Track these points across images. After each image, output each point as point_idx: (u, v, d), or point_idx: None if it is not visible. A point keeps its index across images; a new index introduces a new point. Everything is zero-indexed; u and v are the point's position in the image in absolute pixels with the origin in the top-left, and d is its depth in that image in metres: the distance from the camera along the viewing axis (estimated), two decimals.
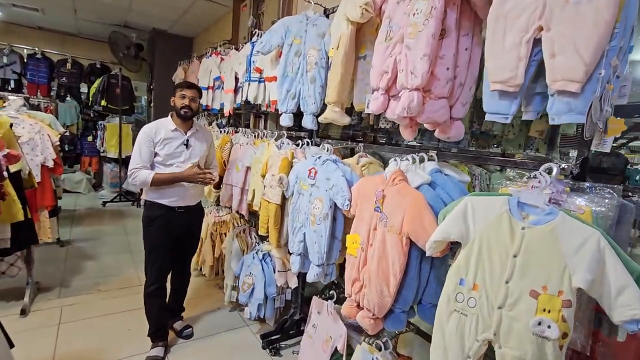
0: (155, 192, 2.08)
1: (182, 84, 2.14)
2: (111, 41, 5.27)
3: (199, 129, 2.21)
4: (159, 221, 2.09)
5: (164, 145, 2.05)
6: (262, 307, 2.35)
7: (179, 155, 2.09)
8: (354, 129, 2.82)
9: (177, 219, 2.14)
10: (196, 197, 2.25)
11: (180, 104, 2.08)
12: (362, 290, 1.37)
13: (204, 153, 2.20)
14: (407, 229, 1.21)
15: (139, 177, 1.99)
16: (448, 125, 1.30)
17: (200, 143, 2.19)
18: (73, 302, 2.65)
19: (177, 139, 2.09)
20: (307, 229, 1.69)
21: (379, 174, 1.43)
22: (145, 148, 2.02)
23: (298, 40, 2.00)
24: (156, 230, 2.10)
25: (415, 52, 1.17)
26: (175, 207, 2.12)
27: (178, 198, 2.12)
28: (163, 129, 2.07)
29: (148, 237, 2.13)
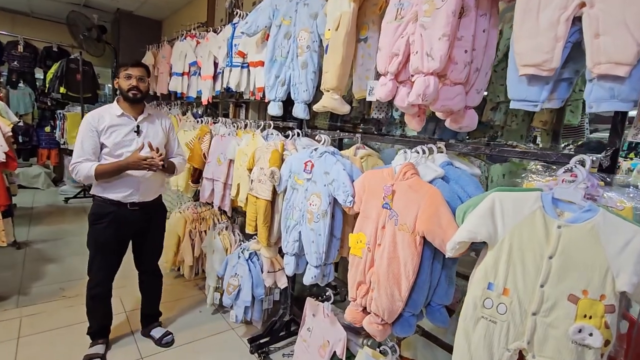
0: (103, 186, 1.86)
1: (125, 62, 1.90)
2: (70, 22, 4.78)
3: (152, 113, 1.99)
4: (108, 219, 1.89)
5: (110, 133, 1.82)
6: (249, 309, 2.20)
7: (129, 143, 1.86)
8: (342, 118, 2.70)
9: (130, 217, 1.93)
10: (153, 191, 2.01)
11: (126, 86, 1.85)
12: (369, 294, 1.26)
13: (161, 140, 1.98)
14: (422, 227, 1.10)
15: (81, 171, 1.78)
16: (461, 114, 1.20)
17: (155, 128, 1.96)
18: (34, 312, 2.38)
19: (126, 125, 1.87)
20: (303, 227, 1.56)
21: (385, 167, 1.31)
22: (88, 139, 1.80)
23: (287, 21, 1.84)
24: (104, 229, 1.90)
25: (432, 32, 1.06)
26: (128, 204, 1.90)
27: (130, 192, 1.90)
28: (108, 116, 1.84)
29: (93, 236, 1.92)
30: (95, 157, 1.83)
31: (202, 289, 2.90)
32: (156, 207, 2.09)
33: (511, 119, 1.66)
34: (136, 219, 1.96)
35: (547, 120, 1.60)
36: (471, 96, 1.17)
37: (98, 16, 5.03)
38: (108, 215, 1.89)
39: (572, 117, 1.53)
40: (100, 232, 1.90)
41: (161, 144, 1.97)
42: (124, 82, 1.85)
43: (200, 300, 2.72)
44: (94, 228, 1.91)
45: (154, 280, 2.26)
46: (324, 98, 1.47)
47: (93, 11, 5.04)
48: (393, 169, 1.25)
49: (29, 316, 2.33)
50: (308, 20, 1.77)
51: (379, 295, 1.20)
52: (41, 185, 5.71)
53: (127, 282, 2.18)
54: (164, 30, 5.35)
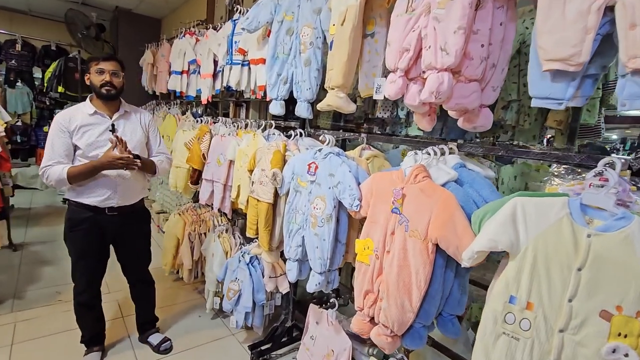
0: (77, 190, 1.73)
1: (96, 56, 1.76)
2: (68, 20, 4.73)
3: (129, 110, 1.85)
4: (84, 226, 1.76)
5: (82, 133, 1.69)
6: (250, 315, 2.13)
7: (105, 144, 1.71)
8: (345, 118, 2.63)
9: (109, 223, 1.80)
10: (133, 194, 1.87)
11: (98, 81, 1.70)
12: (377, 304, 1.19)
13: (140, 138, 1.84)
14: (436, 234, 1.03)
15: (52, 175, 1.64)
16: (476, 113, 1.12)
17: (133, 126, 1.83)
18: (29, 317, 2.32)
19: (100, 124, 1.73)
20: (306, 231, 1.49)
21: (394, 170, 1.24)
22: (58, 140, 1.67)
23: (290, 17, 1.76)
24: (82, 237, 1.78)
25: (447, 25, 0.99)
26: (105, 209, 1.77)
27: (107, 196, 1.76)
28: (79, 115, 1.71)
29: (72, 244, 1.81)
30: (69, 159, 1.70)
31: (201, 292, 2.83)
32: (138, 212, 1.95)
33: (523, 119, 1.58)
34: (116, 226, 1.83)
35: (561, 120, 1.52)
36: (486, 94, 1.10)
37: (96, 14, 4.98)
38: (84, 222, 1.76)
39: (588, 117, 1.46)
40: (78, 240, 1.79)
41: (140, 143, 1.85)
42: (96, 78, 1.71)
43: (200, 305, 2.65)
44: (71, 235, 1.79)
45: (145, 288, 2.15)
46: (329, 96, 1.40)
47: (91, 9, 4.97)
48: (403, 172, 1.18)
49: (24, 321, 2.27)
50: (311, 15, 1.70)
51: (388, 306, 1.13)
52: (39, 185, 5.64)
53: (124, 285, 2.11)
54: (163, 28, 5.28)
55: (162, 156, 1.98)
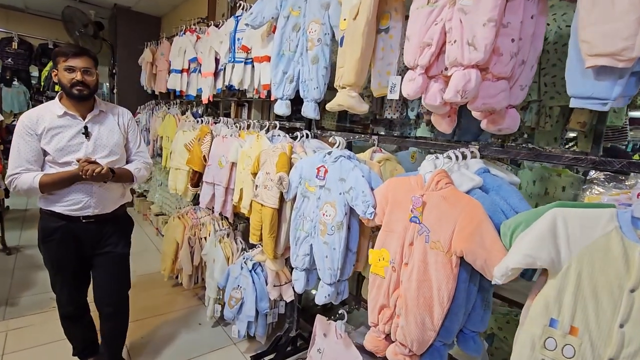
0: (48, 198, 1.56)
1: (63, 51, 1.50)
2: (65, 18, 4.62)
3: (105, 110, 1.65)
4: (57, 236, 1.59)
5: (51, 137, 1.50)
6: (253, 324, 2.04)
7: (77, 148, 1.54)
8: (352, 119, 2.54)
9: (84, 232, 1.62)
10: (111, 201, 1.66)
11: (68, 80, 1.49)
12: (394, 320, 1.10)
13: (117, 141, 1.65)
14: (461, 246, 0.94)
15: (21, 185, 1.47)
16: (501, 114, 1.04)
17: (109, 128, 1.63)
18: (21, 325, 2.22)
19: (71, 127, 1.54)
20: (314, 239, 1.40)
21: (412, 175, 1.15)
22: (25, 144, 1.48)
23: (296, 12, 1.68)
24: (56, 248, 1.61)
25: (475, 17, 0.90)
26: (81, 217, 1.59)
27: (82, 204, 1.57)
28: (47, 116, 1.51)
29: (47, 255, 1.65)
30: (38, 165, 1.52)
31: (201, 298, 2.74)
32: (118, 220, 1.74)
33: (544, 120, 1.50)
34: (92, 234, 1.64)
35: (585, 122, 1.44)
36: (514, 93, 1.01)
37: (95, 12, 4.88)
38: (57, 231, 1.58)
39: (615, 118, 1.38)
40: (52, 251, 1.62)
41: (118, 145, 1.66)
42: (66, 76, 1.49)
43: (200, 312, 2.56)
44: (45, 246, 1.62)
45: (118, 323, 1.82)
46: (340, 96, 1.31)
47: (89, 7, 4.87)
48: (422, 177, 1.09)
49: (16, 330, 2.17)
50: (319, 10, 1.61)
51: (406, 323, 1.04)
52: None
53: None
54: (163, 26, 5.18)
55: (140, 162, 1.77)
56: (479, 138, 1.80)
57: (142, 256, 3.34)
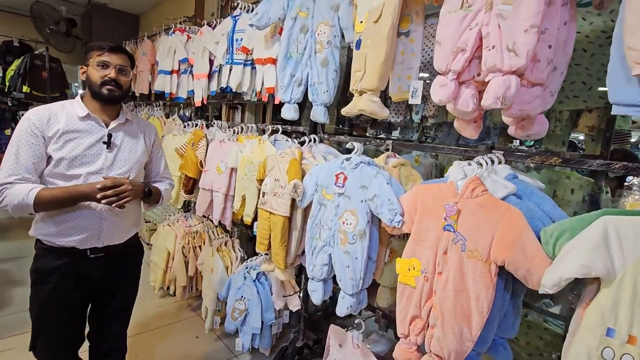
0: (49, 225, 1.24)
1: (99, 45, 1.27)
2: (34, 14, 4.33)
3: (132, 119, 1.39)
4: (56, 276, 1.25)
5: (65, 142, 1.22)
6: (257, 336, 1.97)
7: (94, 159, 1.26)
8: (351, 122, 2.51)
9: (90, 269, 1.30)
10: (124, 229, 1.37)
11: (99, 78, 1.24)
12: (428, 331, 1.07)
13: (139, 158, 1.38)
14: (502, 255, 0.93)
15: (11, 198, 1.16)
16: (531, 121, 1.03)
17: (134, 143, 1.36)
18: (2, 348, 2.03)
19: (91, 132, 1.27)
20: (334, 249, 1.35)
21: (441, 182, 1.13)
22: (27, 147, 1.19)
23: (304, 13, 1.63)
24: (51, 292, 1.26)
25: (515, 23, 0.89)
26: (87, 250, 1.28)
27: (89, 234, 1.26)
28: (63, 116, 1.24)
29: (36, 302, 1.29)
30: (36, 175, 1.21)
31: (195, 309, 2.63)
32: (130, 252, 1.44)
33: (554, 124, 1.52)
34: (99, 272, 1.33)
35: (594, 125, 1.48)
36: (545, 99, 1.01)
37: (66, 8, 4.60)
38: (56, 271, 1.25)
39: (623, 122, 1.42)
40: (45, 297, 1.26)
41: (139, 163, 1.38)
42: (97, 73, 1.24)
43: (196, 324, 2.44)
44: (37, 290, 1.28)
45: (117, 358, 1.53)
46: (361, 101, 1.27)
47: (60, 3, 4.59)
48: (454, 184, 1.07)
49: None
50: (328, 12, 1.57)
51: (443, 334, 1.02)
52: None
53: None
54: (141, 25, 4.96)
55: (167, 183, 1.53)
56: (485, 141, 1.82)
57: None
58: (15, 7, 4.97)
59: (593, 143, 1.52)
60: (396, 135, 2.50)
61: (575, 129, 1.53)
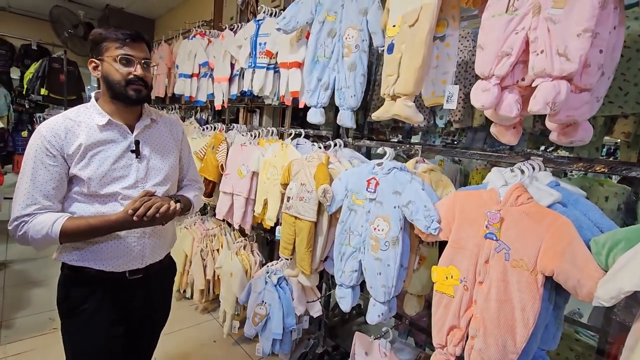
0: (83, 248, 1.09)
1: (116, 35, 1.05)
2: (53, 18, 4.39)
3: (156, 118, 1.22)
4: (94, 305, 1.11)
5: (90, 158, 1.06)
6: (278, 341, 1.94)
7: (126, 172, 1.11)
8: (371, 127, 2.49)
9: (129, 293, 1.16)
10: (165, 246, 1.26)
11: (122, 76, 1.06)
12: (467, 342, 1.05)
13: (173, 163, 1.24)
14: (551, 266, 0.90)
15: (33, 232, 1.00)
16: (575, 127, 1.01)
17: (163, 145, 1.21)
18: (20, 350, 2.04)
19: (116, 142, 1.11)
20: (365, 255, 1.33)
21: (481, 188, 1.11)
22: (44, 171, 1.02)
23: (332, 17, 1.62)
24: (86, 324, 1.11)
25: (566, 27, 0.86)
26: (127, 272, 1.14)
27: (133, 253, 1.13)
28: (83, 129, 1.07)
29: (71, 336, 1.14)
30: (57, 201, 1.06)
31: (212, 313, 2.61)
32: (165, 270, 1.31)
33: None
34: (139, 295, 1.19)
35: (629, 132, 1.44)
36: (592, 105, 0.99)
37: (84, 12, 4.66)
38: (91, 299, 1.10)
39: None
40: (81, 328, 1.11)
41: (174, 168, 1.24)
42: (119, 70, 1.06)
43: (213, 328, 2.43)
44: (71, 321, 1.12)
45: None
46: (396, 105, 1.25)
47: (79, 7, 4.65)
48: (496, 191, 1.05)
49: (16, 356, 1.99)
50: (357, 16, 1.56)
51: (485, 346, 0.99)
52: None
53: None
54: (156, 29, 5.01)
55: (196, 187, 1.39)
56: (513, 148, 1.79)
57: None
58: (35, 11, 5.06)
59: (629, 150, 1.48)
60: (416, 140, 2.49)
61: (610, 135, 1.49)
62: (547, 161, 1.15)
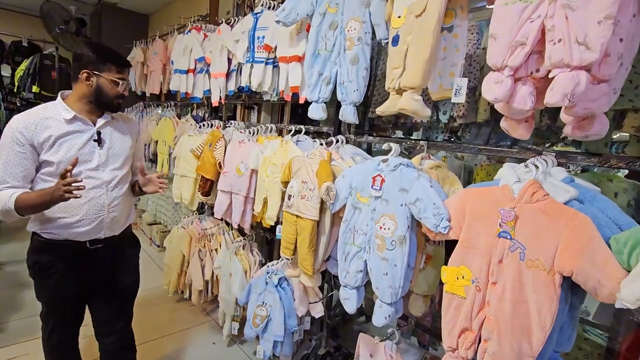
0: (47, 219, 1.31)
1: (118, 60, 1.36)
2: (44, 14, 4.30)
3: (115, 117, 1.47)
4: (60, 269, 1.35)
5: (59, 146, 1.28)
6: (279, 343, 1.90)
7: (90, 157, 1.34)
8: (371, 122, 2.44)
9: (92, 260, 1.40)
10: (122, 220, 1.48)
11: (114, 92, 1.35)
12: (480, 345, 1.01)
13: (129, 153, 1.49)
14: (570, 265, 0.86)
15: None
16: (591, 120, 0.97)
17: (122, 137, 1.46)
18: (14, 354, 1.98)
19: (81, 132, 1.33)
20: (370, 255, 1.28)
21: (493, 185, 1.06)
22: (13, 156, 1.23)
23: (333, 9, 1.56)
24: (56, 283, 1.36)
25: (586, 14, 0.82)
26: (87, 242, 1.37)
27: (95, 223, 1.36)
28: (52, 122, 1.27)
29: (43, 292, 1.41)
30: (25, 182, 1.27)
31: (210, 314, 2.57)
32: (126, 243, 1.55)
33: None
34: (102, 263, 1.43)
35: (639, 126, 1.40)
36: (610, 96, 0.94)
37: (76, 8, 4.56)
38: (58, 264, 1.35)
39: None
40: (50, 287, 1.37)
41: (129, 158, 1.49)
42: (113, 88, 1.34)
43: (212, 330, 2.38)
44: (40, 281, 1.39)
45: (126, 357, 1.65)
46: (402, 99, 1.20)
47: (70, 2, 4.55)
48: (509, 188, 1.01)
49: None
50: (359, 8, 1.51)
51: (499, 349, 0.95)
52: None
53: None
54: (150, 25, 4.93)
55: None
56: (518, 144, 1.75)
57: None
58: (25, 7, 4.95)
59: (638, 144, 1.44)
60: (417, 136, 2.44)
61: (620, 129, 1.46)
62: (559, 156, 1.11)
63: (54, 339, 1.48)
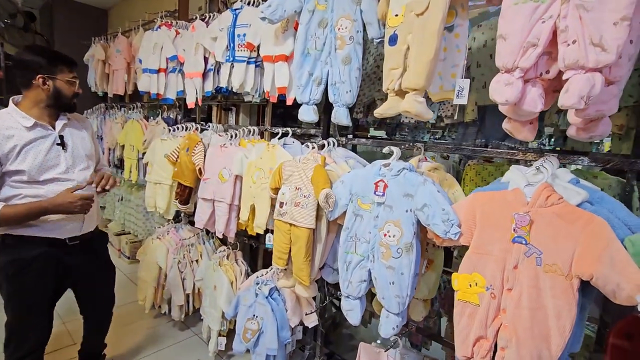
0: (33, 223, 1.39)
1: (69, 60, 1.44)
2: None
3: (70, 117, 1.52)
4: (38, 266, 1.39)
5: (26, 154, 1.33)
6: (272, 357, 1.81)
7: (57, 161, 1.41)
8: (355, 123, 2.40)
9: (69, 257, 1.47)
10: (94, 220, 1.60)
11: (71, 92, 1.43)
12: (498, 353, 0.98)
13: (91, 151, 1.56)
14: (589, 270, 0.85)
15: None
16: (596, 122, 0.97)
17: (81, 137, 1.53)
18: None
19: (44, 138, 1.38)
20: (374, 264, 1.23)
21: (506, 189, 1.04)
22: None
23: (322, 6, 1.49)
24: (33, 282, 1.39)
25: (601, 15, 0.81)
26: (66, 239, 1.46)
27: (75, 222, 1.46)
28: (14, 131, 1.32)
29: (16, 295, 1.41)
30: None
31: (191, 328, 2.42)
32: (96, 238, 1.64)
33: None
34: (78, 260, 1.50)
35: (623, 124, 1.45)
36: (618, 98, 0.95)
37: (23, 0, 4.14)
38: (35, 261, 1.39)
39: None
40: (26, 287, 1.39)
41: (91, 156, 1.58)
42: (69, 88, 1.42)
43: (195, 346, 2.24)
44: (14, 283, 1.38)
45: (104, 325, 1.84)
46: (405, 101, 1.15)
47: None
48: (521, 192, 0.99)
49: None
50: (350, 5, 1.44)
51: (519, 357, 0.93)
52: None
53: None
54: (110, 20, 4.59)
55: (107, 168, 1.74)
56: (505, 142, 1.77)
57: None
58: None
59: (620, 142, 1.50)
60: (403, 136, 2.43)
61: None
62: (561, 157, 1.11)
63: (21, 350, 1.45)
